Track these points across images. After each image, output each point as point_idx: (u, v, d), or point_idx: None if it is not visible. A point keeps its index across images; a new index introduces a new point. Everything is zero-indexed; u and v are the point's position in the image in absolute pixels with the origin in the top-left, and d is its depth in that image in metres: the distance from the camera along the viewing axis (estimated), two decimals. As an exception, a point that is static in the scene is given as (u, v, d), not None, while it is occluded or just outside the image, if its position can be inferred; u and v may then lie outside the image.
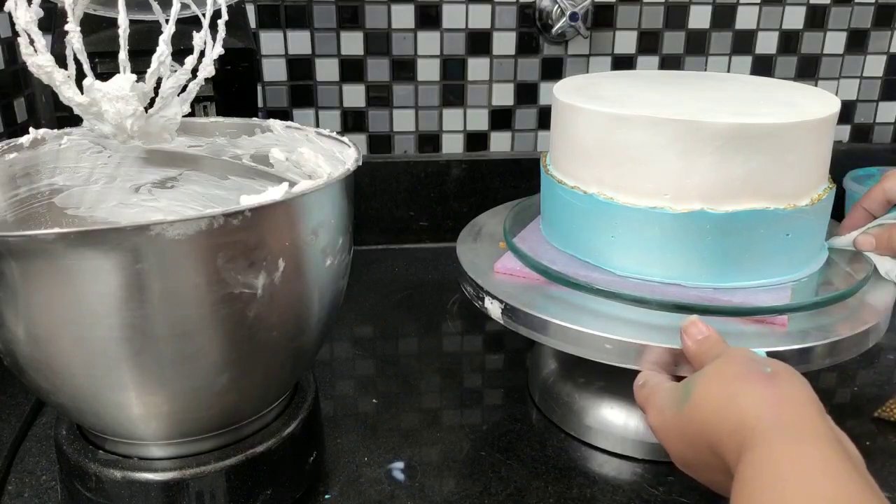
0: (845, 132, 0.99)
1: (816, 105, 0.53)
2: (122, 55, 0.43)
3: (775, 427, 0.34)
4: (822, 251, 0.56)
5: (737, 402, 0.36)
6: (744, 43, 0.93)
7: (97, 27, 0.58)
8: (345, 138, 0.49)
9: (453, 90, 0.91)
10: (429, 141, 0.93)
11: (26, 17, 0.41)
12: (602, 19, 0.89)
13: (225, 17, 0.46)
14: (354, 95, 0.90)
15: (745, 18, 0.91)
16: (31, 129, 0.49)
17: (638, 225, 0.52)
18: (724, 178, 0.50)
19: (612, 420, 0.55)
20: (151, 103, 0.46)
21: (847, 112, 0.98)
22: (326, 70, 0.88)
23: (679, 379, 0.44)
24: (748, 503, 0.32)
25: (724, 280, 0.52)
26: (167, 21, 0.44)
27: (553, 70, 0.91)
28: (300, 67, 0.87)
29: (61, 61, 0.42)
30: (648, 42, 0.91)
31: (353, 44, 0.87)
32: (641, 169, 0.51)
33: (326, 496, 0.51)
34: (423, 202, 0.92)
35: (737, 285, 0.52)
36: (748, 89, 0.60)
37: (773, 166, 0.50)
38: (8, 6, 0.41)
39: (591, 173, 0.54)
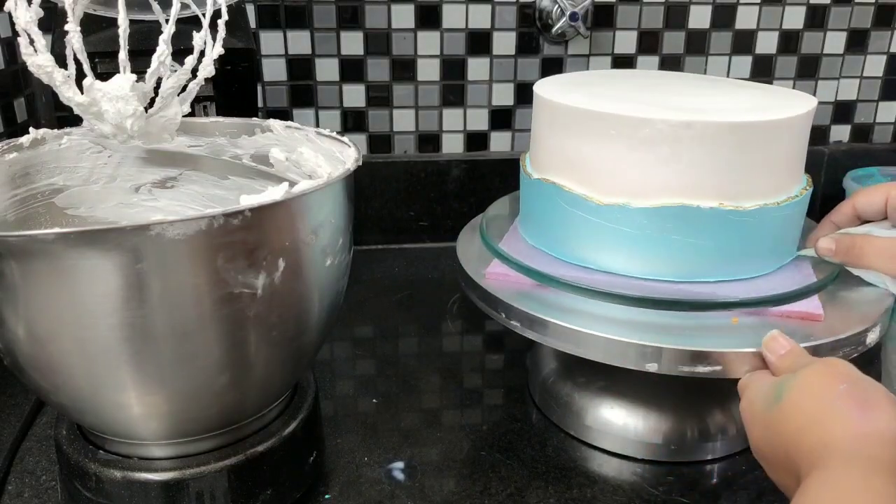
0: (845, 132, 0.99)
1: (787, 104, 0.54)
2: (122, 55, 0.43)
3: (853, 455, 0.34)
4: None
5: (824, 421, 0.36)
6: (744, 43, 0.93)
7: (97, 27, 0.58)
8: (345, 138, 0.49)
9: (453, 90, 0.91)
10: (429, 141, 0.93)
11: (26, 17, 0.41)
12: (602, 19, 0.89)
13: (225, 17, 0.46)
14: (354, 95, 0.89)
15: (745, 18, 0.91)
16: (31, 129, 0.49)
17: (615, 221, 0.52)
18: (702, 175, 0.50)
19: (612, 420, 0.55)
20: (151, 103, 0.46)
21: (847, 112, 0.98)
22: (326, 70, 0.88)
23: None
24: None
25: (702, 276, 0.52)
26: (167, 21, 0.44)
27: (553, 70, 0.91)
28: (300, 67, 0.87)
29: (61, 61, 0.42)
30: (648, 42, 0.91)
31: (353, 44, 0.87)
32: (615, 166, 0.51)
33: (326, 496, 0.51)
34: (423, 202, 0.92)
35: (712, 280, 0.52)
36: (728, 90, 0.60)
37: (750, 164, 0.50)
38: (8, 6, 0.41)
39: (563, 170, 0.55)
